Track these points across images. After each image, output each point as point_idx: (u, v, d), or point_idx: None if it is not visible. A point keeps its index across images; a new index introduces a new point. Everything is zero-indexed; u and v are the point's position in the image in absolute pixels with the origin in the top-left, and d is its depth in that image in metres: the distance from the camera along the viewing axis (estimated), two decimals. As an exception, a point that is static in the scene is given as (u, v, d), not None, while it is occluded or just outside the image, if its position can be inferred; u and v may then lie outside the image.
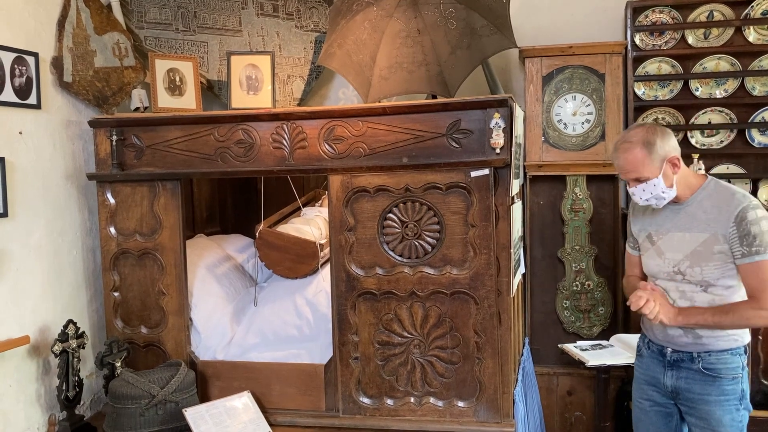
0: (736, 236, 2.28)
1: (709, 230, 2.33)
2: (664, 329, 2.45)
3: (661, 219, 2.50)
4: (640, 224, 2.60)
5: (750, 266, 2.27)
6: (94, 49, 3.20)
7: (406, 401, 2.89)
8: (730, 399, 2.35)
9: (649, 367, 2.57)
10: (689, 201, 2.42)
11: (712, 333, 2.35)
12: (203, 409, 2.88)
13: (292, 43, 3.63)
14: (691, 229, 2.38)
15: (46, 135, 3.04)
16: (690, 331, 2.38)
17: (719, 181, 2.46)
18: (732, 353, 2.36)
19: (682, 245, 2.40)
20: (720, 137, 3.58)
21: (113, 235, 3.14)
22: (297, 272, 3.47)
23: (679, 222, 2.43)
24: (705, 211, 2.37)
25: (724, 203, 2.34)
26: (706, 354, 2.36)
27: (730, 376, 2.35)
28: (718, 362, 2.35)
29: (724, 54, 3.53)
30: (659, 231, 2.49)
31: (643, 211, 2.59)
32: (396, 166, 2.81)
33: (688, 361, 2.40)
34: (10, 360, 2.80)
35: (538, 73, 3.46)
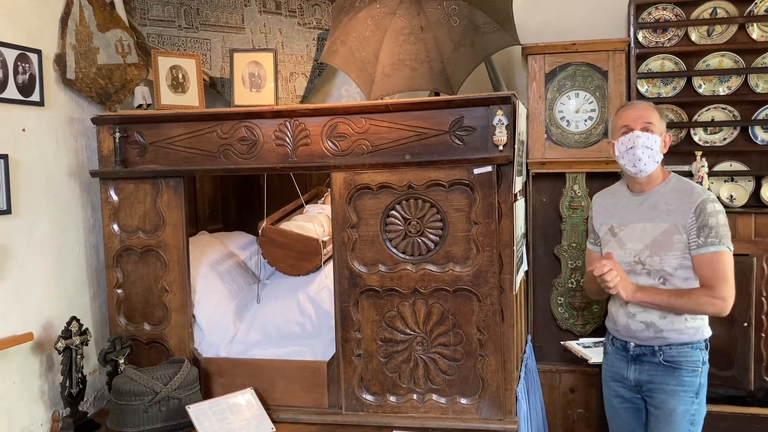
0: (695, 227, 2.38)
1: (670, 221, 2.43)
2: (627, 324, 2.52)
3: (624, 211, 2.58)
4: (602, 218, 2.67)
5: (704, 256, 2.37)
6: (97, 47, 3.20)
7: (408, 398, 2.90)
8: (687, 390, 2.43)
9: (613, 363, 2.64)
10: (652, 192, 2.52)
11: (672, 326, 2.43)
12: (206, 406, 2.89)
13: (294, 41, 3.63)
14: (653, 220, 2.47)
15: (50, 132, 3.04)
16: (651, 326, 2.46)
17: (681, 177, 2.56)
18: (692, 347, 2.45)
19: (643, 235, 2.48)
20: (723, 134, 3.58)
21: (116, 232, 3.15)
22: (300, 269, 3.48)
23: (640, 213, 2.52)
24: (667, 203, 2.47)
25: (686, 196, 2.45)
26: (667, 347, 2.45)
27: (690, 368, 2.44)
28: (678, 355, 2.44)
29: (728, 51, 3.52)
30: (621, 223, 2.57)
31: (605, 205, 2.67)
32: (399, 163, 2.81)
33: (650, 354, 2.48)
34: (13, 357, 2.81)
35: (541, 71, 3.46)
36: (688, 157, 3.52)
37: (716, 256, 2.38)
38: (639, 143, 2.45)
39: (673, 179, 2.55)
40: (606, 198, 2.73)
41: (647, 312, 2.49)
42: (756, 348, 3.17)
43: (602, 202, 2.71)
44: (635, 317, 2.53)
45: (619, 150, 2.54)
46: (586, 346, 3.15)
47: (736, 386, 3.11)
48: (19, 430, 2.84)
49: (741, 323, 3.12)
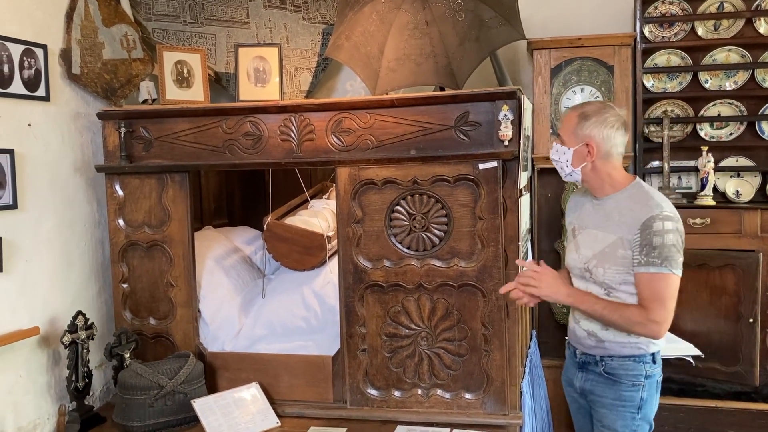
0: (638, 244, 2.21)
1: (617, 233, 2.27)
2: (573, 329, 2.46)
3: (584, 214, 2.46)
4: (570, 217, 2.58)
5: (643, 276, 2.20)
6: (103, 41, 3.20)
7: (413, 393, 2.90)
8: (626, 405, 2.31)
9: (568, 367, 2.60)
10: (609, 199, 2.36)
11: (614, 338, 2.31)
12: (211, 401, 2.90)
13: (299, 35, 3.62)
14: (605, 229, 2.33)
15: (55, 127, 3.05)
16: (593, 335, 2.36)
17: (644, 185, 2.36)
18: (635, 360, 2.31)
19: (594, 243, 2.36)
20: (729, 129, 3.56)
21: (122, 227, 3.15)
22: (305, 264, 3.48)
23: (596, 219, 2.39)
24: (620, 213, 2.31)
25: (637, 209, 2.26)
26: (609, 358, 2.34)
27: (630, 383, 2.31)
28: (619, 368, 2.32)
29: (735, 46, 3.50)
30: (581, 225, 2.46)
31: (575, 204, 2.57)
32: (404, 159, 2.81)
33: (594, 364, 2.40)
34: (20, 351, 2.82)
35: (547, 65, 3.45)
36: (694, 153, 3.51)
37: (656, 277, 2.19)
38: (551, 155, 2.45)
39: (634, 188, 2.34)
40: (577, 197, 2.60)
41: (590, 320, 2.36)
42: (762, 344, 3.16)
43: (573, 200, 2.61)
44: (580, 323, 2.43)
45: None
46: (590, 341, 3.14)
47: (741, 382, 3.11)
48: (26, 423, 2.85)
49: (747, 319, 3.11)
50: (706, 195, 3.39)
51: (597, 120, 2.29)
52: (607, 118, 2.30)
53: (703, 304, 3.22)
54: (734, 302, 3.16)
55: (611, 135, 2.30)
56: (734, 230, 3.28)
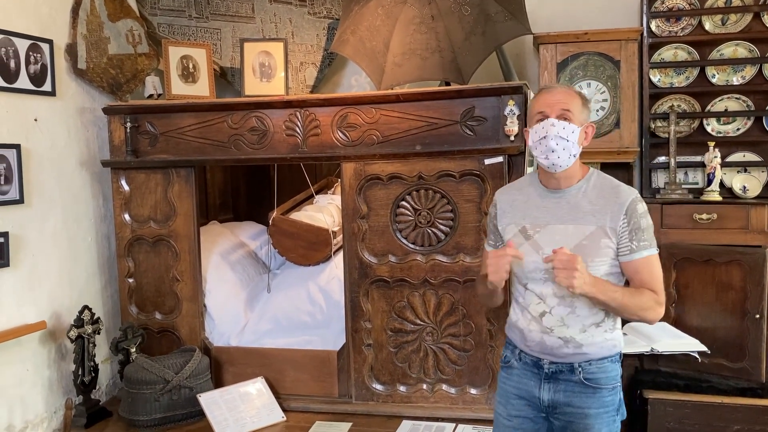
0: (627, 230, 2.08)
1: (596, 222, 2.10)
2: (542, 340, 2.16)
3: (538, 210, 2.19)
4: (510, 217, 2.25)
5: (641, 261, 2.09)
6: (108, 36, 3.20)
7: (418, 388, 2.90)
8: (609, 410, 2.17)
9: (521, 380, 2.25)
10: (571, 190, 2.16)
11: (592, 340, 2.13)
12: (217, 395, 2.91)
13: (304, 30, 3.62)
14: (576, 221, 2.12)
15: (61, 122, 3.05)
16: (570, 341, 2.13)
17: (601, 173, 2.23)
18: (611, 360, 2.18)
19: (564, 239, 2.11)
20: (737, 125, 3.54)
21: (128, 221, 3.16)
22: (310, 259, 3.48)
23: (560, 213, 2.15)
24: (591, 202, 2.13)
25: (612, 195, 2.12)
26: (587, 363, 2.14)
27: (610, 386, 2.17)
28: (598, 371, 2.15)
29: (742, 40, 3.47)
30: (536, 223, 2.18)
31: (512, 203, 2.26)
32: (409, 154, 2.80)
33: (568, 372, 2.16)
34: (27, 345, 2.83)
35: (553, 60, 3.43)
36: (700, 148, 3.49)
37: (652, 259, 2.10)
38: (552, 132, 2.08)
39: (594, 175, 2.20)
40: (513, 195, 2.28)
41: (566, 327, 2.13)
42: (768, 340, 3.15)
43: (508, 200, 2.28)
44: (552, 332, 2.14)
45: (532, 139, 2.13)
46: (596, 337, 3.13)
47: (747, 378, 3.09)
48: (34, 417, 2.87)
49: (753, 315, 3.09)
50: (713, 190, 3.37)
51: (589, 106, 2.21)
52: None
53: (710, 299, 3.20)
54: (740, 298, 3.14)
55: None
56: (741, 226, 3.26)
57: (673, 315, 3.27)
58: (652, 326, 3.04)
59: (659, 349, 2.81)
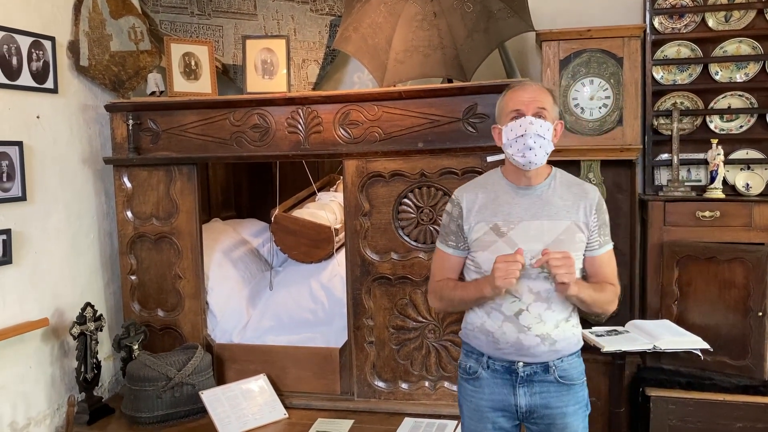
0: (597, 225, 2.15)
1: (569, 218, 2.13)
2: (518, 340, 2.10)
3: (510, 207, 2.16)
4: (479, 216, 2.18)
5: (605, 255, 2.20)
6: (110, 33, 3.20)
7: (420, 385, 2.91)
8: (582, 406, 2.19)
9: (493, 390, 2.18)
10: (541, 186, 2.17)
11: (564, 335, 2.13)
12: (219, 392, 2.91)
13: (306, 27, 3.61)
14: (551, 217, 2.13)
15: (63, 119, 3.05)
16: (546, 338, 2.10)
17: (561, 170, 2.26)
18: (577, 355, 2.21)
19: (541, 234, 2.11)
20: (740, 122, 3.53)
21: (130, 219, 3.16)
22: (312, 257, 3.49)
23: (533, 209, 2.14)
24: (562, 198, 2.15)
25: (581, 191, 2.18)
26: (559, 361, 2.14)
27: (580, 381, 2.19)
28: (570, 367, 2.15)
29: (746, 37, 3.46)
30: (509, 220, 2.14)
31: (479, 202, 2.20)
32: (411, 151, 2.80)
33: (543, 372, 2.13)
34: (29, 342, 2.84)
35: (555, 57, 3.42)
36: (703, 145, 3.48)
37: (611, 253, 2.22)
38: (531, 131, 2.06)
39: (558, 172, 2.23)
40: (478, 193, 2.22)
41: (543, 323, 2.10)
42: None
43: (474, 198, 2.20)
44: (530, 330, 2.09)
45: (507, 137, 2.11)
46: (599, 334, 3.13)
47: (750, 376, 3.09)
48: (36, 414, 2.87)
49: (755, 313, 3.09)
50: (716, 188, 3.36)
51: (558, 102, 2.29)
52: None
53: (712, 297, 3.20)
54: (743, 295, 3.13)
55: None
56: (744, 223, 3.25)
57: (675, 312, 3.26)
58: (654, 324, 3.05)
59: (661, 347, 2.81)
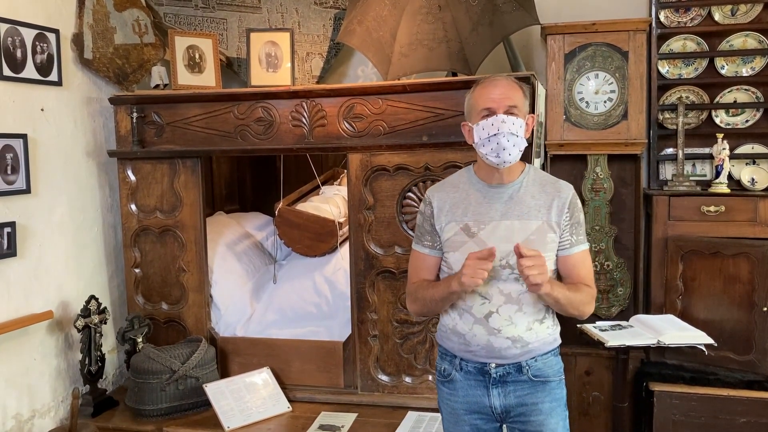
0: (569, 224, 2.08)
1: (540, 217, 2.06)
2: (489, 342, 2.05)
3: (480, 206, 2.10)
4: (449, 216, 2.13)
5: (579, 255, 2.11)
6: (114, 26, 3.20)
7: (424, 379, 2.91)
8: (560, 404, 2.14)
9: (467, 392, 2.14)
10: (513, 185, 2.10)
11: (537, 337, 2.08)
12: (223, 385, 2.92)
13: (311, 20, 3.60)
14: (521, 217, 2.06)
15: (68, 112, 3.05)
16: (518, 340, 2.05)
17: (536, 167, 2.22)
18: (554, 354, 2.15)
19: (511, 234, 2.04)
20: (745, 116, 3.51)
21: (134, 212, 3.17)
22: (316, 250, 3.49)
23: (504, 209, 2.08)
24: (533, 197, 2.08)
25: (554, 190, 2.10)
26: (533, 360, 2.09)
27: (558, 378, 2.14)
28: (544, 366, 2.10)
29: (752, 31, 3.44)
30: (480, 220, 2.08)
31: (450, 201, 2.15)
32: (416, 145, 2.80)
33: (516, 372, 2.09)
34: (34, 334, 2.84)
35: (561, 51, 3.41)
36: (709, 140, 3.46)
37: (586, 253, 2.13)
38: (504, 129, 1.99)
39: (531, 170, 2.16)
40: (449, 192, 2.17)
41: (513, 325, 2.04)
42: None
43: (445, 197, 2.16)
44: (500, 333, 2.04)
45: (479, 136, 2.04)
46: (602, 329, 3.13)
47: (754, 371, 3.08)
48: (41, 406, 2.88)
49: (760, 308, 3.08)
50: (721, 182, 3.35)
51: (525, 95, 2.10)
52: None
53: (717, 292, 3.19)
54: (748, 291, 3.13)
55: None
56: (749, 218, 3.24)
57: (679, 307, 3.26)
58: (658, 318, 3.04)
59: (665, 342, 2.80)
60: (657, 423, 3.09)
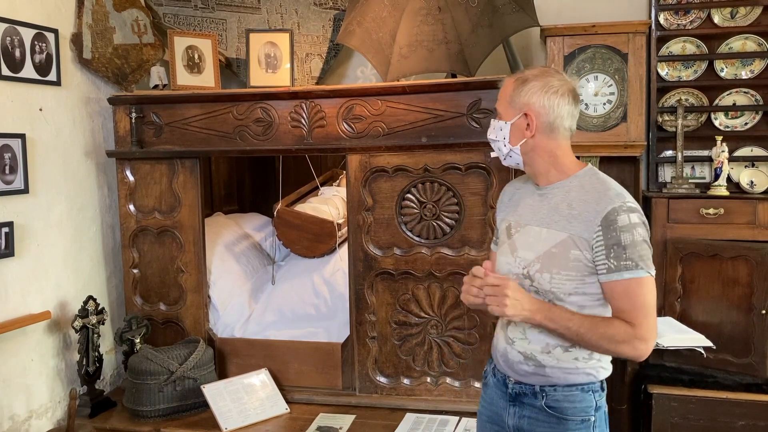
0: (602, 245, 1.77)
1: (569, 230, 1.82)
2: (506, 351, 1.94)
3: (523, 207, 1.98)
4: (504, 212, 2.05)
5: (619, 284, 1.77)
6: (114, 26, 3.19)
7: (422, 381, 2.90)
8: None
9: (492, 399, 2.03)
10: (555, 187, 1.91)
11: (557, 364, 1.86)
12: (221, 386, 2.91)
13: (310, 21, 3.60)
14: (550, 225, 1.87)
15: (66, 112, 3.05)
16: (530, 359, 1.88)
17: (599, 173, 1.92)
18: (583, 389, 1.87)
19: (536, 243, 1.88)
20: (744, 119, 3.51)
21: (132, 212, 3.16)
22: (315, 251, 3.48)
23: (540, 214, 1.91)
24: (569, 205, 1.85)
25: (593, 200, 1.82)
26: (551, 388, 1.87)
27: (579, 418, 1.87)
28: (564, 399, 1.87)
29: (751, 34, 3.45)
30: (519, 222, 1.96)
31: (509, 198, 2.06)
32: (415, 146, 2.79)
33: (531, 395, 1.90)
34: (31, 335, 2.84)
35: (560, 53, 3.40)
36: (708, 142, 3.46)
37: (634, 283, 1.76)
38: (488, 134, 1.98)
39: (586, 174, 1.91)
40: (516, 187, 2.08)
41: (527, 341, 1.88)
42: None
43: (511, 192, 2.08)
44: (513, 344, 1.92)
45: None
46: (601, 331, 3.13)
47: (752, 374, 3.08)
48: (38, 407, 2.87)
49: (759, 310, 3.08)
50: (720, 185, 3.35)
51: (537, 84, 1.86)
52: (551, 83, 1.86)
53: (715, 295, 3.19)
54: (747, 293, 3.13)
55: (555, 103, 1.85)
56: (748, 221, 3.24)
57: (678, 310, 3.26)
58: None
59: (664, 344, 2.80)
60: (655, 425, 3.09)
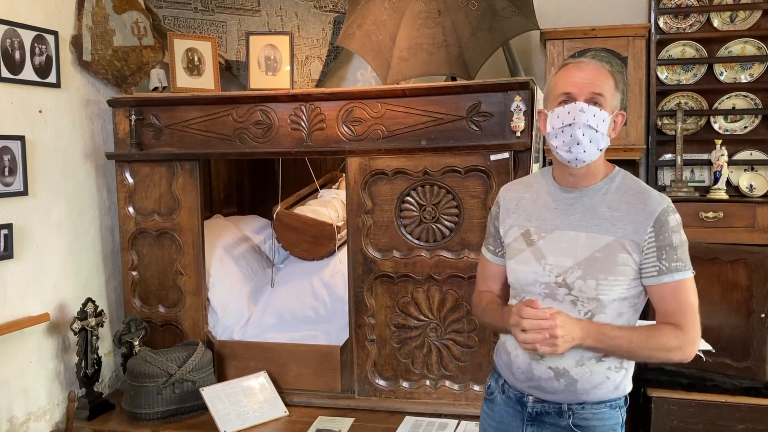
0: (654, 247, 1.70)
1: (615, 233, 1.72)
2: (530, 368, 1.79)
3: (547, 212, 1.83)
4: (514, 218, 1.89)
5: (669, 287, 1.71)
6: (113, 28, 3.19)
7: (421, 384, 2.90)
8: None
9: (503, 418, 1.90)
10: (590, 190, 1.80)
11: (590, 378, 1.75)
12: (220, 389, 2.91)
13: (310, 24, 3.60)
14: (590, 229, 1.74)
15: (66, 114, 3.05)
16: (564, 375, 1.75)
17: (629, 173, 1.86)
18: (611, 406, 1.79)
19: (574, 249, 1.75)
20: (744, 123, 3.52)
21: (132, 214, 3.16)
22: (314, 254, 3.48)
23: (572, 217, 1.78)
24: (610, 207, 1.75)
25: (639, 201, 1.74)
26: (579, 407, 1.77)
27: None
28: (593, 417, 1.77)
29: (751, 38, 3.45)
30: (543, 227, 1.81)
31: (519, 202, 1.91)
32: (415, 149, 2.79)
33: (555, 414, 1.79)
34: (30, 337, 2.83)
35: (560, 56, 3.41)
36: (707, 146, 3.47)
37: (683, 285, 1.71)
38: (581, 120, 1.69)
39: (620, 175, 1.83)
40: (520, 192, 1.93)
41: (560, 356, 1.72)
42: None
43: (514, 197, 1.92)
44: (543, 360, 1.76)
45: (552, 125, 1.74)
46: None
47: (752, 377, 3.08)
48: (36, 409, 2.87)
49: (758, 314, 3.08)
50: (719, 189, 3.35)
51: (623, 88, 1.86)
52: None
53: (715, 298, 3.19)
54: (746, 297, 3.13)
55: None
56: (747, 225, 3.25)
57: (677, 313, 3.25)
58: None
59: (664, 347, 2.80)
60: (655, 429, 3.09)
